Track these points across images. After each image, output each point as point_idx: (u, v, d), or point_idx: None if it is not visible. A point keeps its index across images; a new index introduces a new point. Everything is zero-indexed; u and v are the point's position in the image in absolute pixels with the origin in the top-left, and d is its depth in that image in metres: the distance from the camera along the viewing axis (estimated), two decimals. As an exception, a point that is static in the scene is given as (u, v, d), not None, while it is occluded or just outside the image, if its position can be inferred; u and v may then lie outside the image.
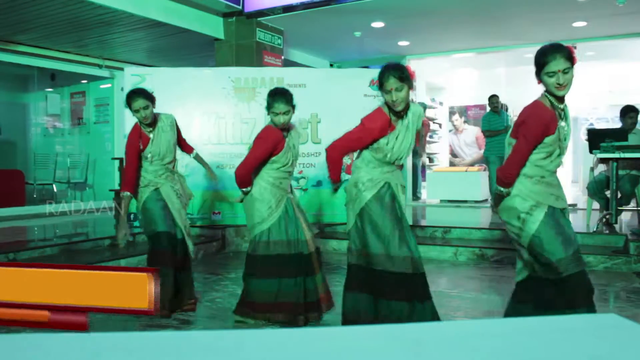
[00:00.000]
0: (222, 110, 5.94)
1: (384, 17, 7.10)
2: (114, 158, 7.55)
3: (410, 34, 8.00)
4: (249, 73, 6.08)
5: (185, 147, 3.86)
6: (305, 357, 0.84)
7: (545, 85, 2.33)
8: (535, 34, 7.76)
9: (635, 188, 5.37)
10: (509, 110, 9.62)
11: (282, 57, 7.64)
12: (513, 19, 7.13)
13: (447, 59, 9.78)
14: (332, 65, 9.88)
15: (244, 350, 0.86)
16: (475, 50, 9.12)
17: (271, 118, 3.07)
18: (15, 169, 8.80)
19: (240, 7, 6.97)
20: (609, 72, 10.40)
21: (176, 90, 5.74)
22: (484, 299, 3.99)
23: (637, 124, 5.62)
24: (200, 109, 5.91)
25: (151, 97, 3.48)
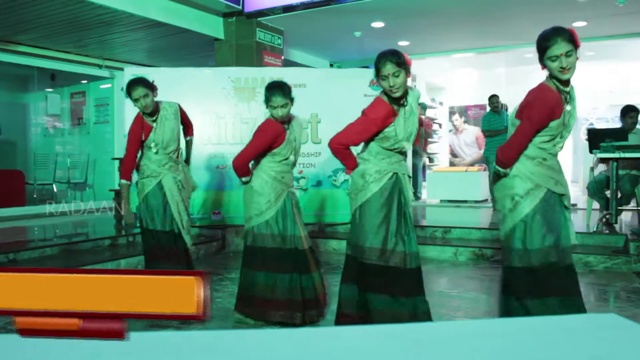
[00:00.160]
0: (222, 110, 5.94)
1: (384, 17, 7.10)
2: (114, 158, 7.55)
3: (410, 34, 8.00)
4: (249, 73, 6.08)
5: (188, 131, 3.80)
6: (305, 357, 0.84)
7: (549, 70, 2.28)
8: (535, 34, 7.64)
9: (635, 188, 5.36)
10: (509, 110, 9.61)
11: (282, 57, 7.64)
12: (513, 19, 7.13)
13: (447, 59, 9.78)
14: (332, 65, 9.88)
15: (244, 350, 0.86)
16: (475, 50, 9.12)
17: (270, 112, 3.06)
18: (16, 169, 8.80)
19: (240, 7, 6.97)
20: (609, 72, 10.40)
21: (176, 90, 5.72)
22: (484, 299, 3.99)
23: (637, 124, 5.61)
24: (200, 109, 5.90)
25: (151, 86, 3.45)
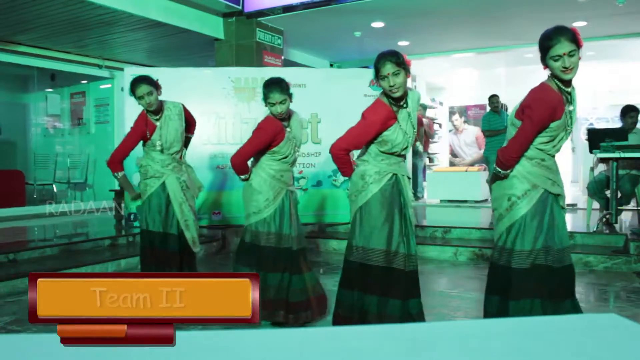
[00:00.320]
0: (222, 110, 5.94)
1: (384, 17, 7.10)
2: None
3: (410, 34, 8.00)
4: (249, 73, 6.08)
5: (190, 129, 3.77)
6: (305, 357, 0.84)
7: (551, 70, 2.26)
8: (535, 34, 7.65)
9: (636, 188, 5.36)
10: (509, 110, 9.62)
11: (282, 57, 7.64)
12: (513, 19, 7.13)
13: (447, 59, 9.77)
14: (332, 65, 9.88)
15: (244, 350, 0.86)
16: (475, 50, 9.12)
17: (269, 109, 3.05)
18: (16, 169, 8.80)
19: (240, 7, 6.97)
20: (609, 72, 10.40)
21: (176, 90, 5.72)
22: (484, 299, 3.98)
23: (637, 124, 5.61)
24: (200, 109, 5.88)
25: (155, 84, 3.43)
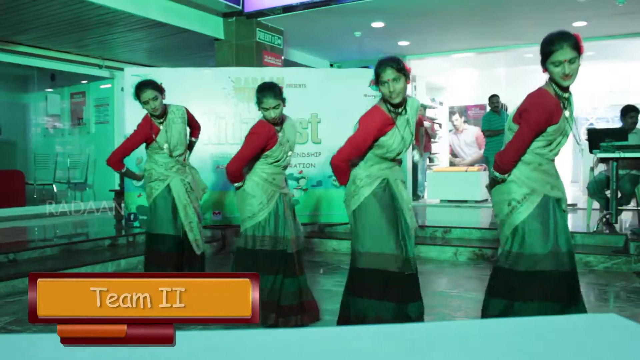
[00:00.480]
0: (222, 110, 5.94)
1: (384, 17, 7.10)
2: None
3: (410, 34, 8.00)
4: (249, 73, 6.08)
5: (193, 133, 3.83)
6: (305, 357, 0.84)
7: (550, 74, 2.27)
8: (535, 34, 7.68)
9: (636, 188, 5.36)
10: (509, 110, 9.62)
11: (282, 57, 7.64)
12: (513, 19, 7.12)
13: (447, 59, 9.77)
14: (332, 65, 9.88)
15: (244, 351, 0.86)
16: (475, 50, 9.11)
17: (262, 113, 3.06)
18: (16, 169, 8.80)
19: (240, 7, 6.97)
20: (609, 72, 10.39)
21: (176, 90, 5.70)
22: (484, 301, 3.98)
23: (637, 124, 5.61)
24: (200, 109, 5.89)
25: (160, 88, 3.47)
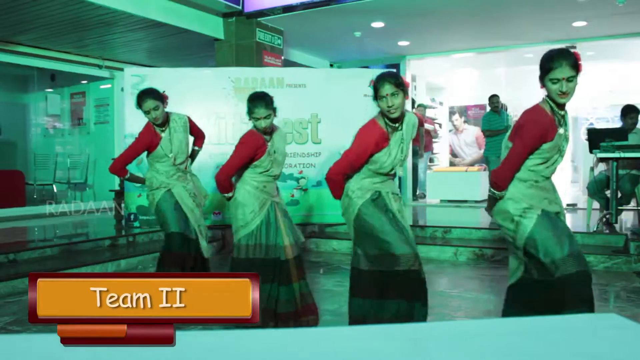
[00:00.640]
0: (222, 110, 5.94)
1: (384, 17, 7.10)
2: (114, 159, 7.54)
3: (410, 34, 8.00)
4: (249, 73, 6.08)
5: (197, 142, 3.89)
6: (305, 358, 0.84)
7: (547, 91, 2.29)
8: (535, 34, 7.76)
9: (636, 188, 5.36)
10: (509, 110, 9.62)
11: (282, 57, 7.64)
12: (513, 19, 7.13)
13: (447, 59, 9.77)
14: (332, 65, 9.87)
15: (244, 351, 0.86)
16: (475, 50, 9.11)
17: (253, 123, 3.08)
18: (16, 169, 8.79)
19: (240, 7, 6.97)
20: (609, 72, 10.39)
21: (176, 90, 5.72)
22: (484, 299, 3.99)
23: (637, 124, 5.61)
24: (200, 109, 5.90)
25: (161, 97, 3.49)
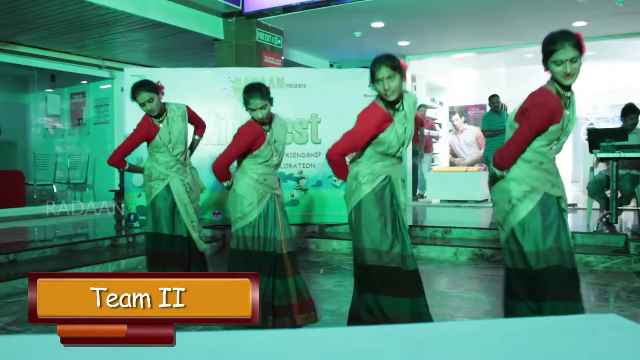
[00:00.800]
0: (222, 110, 5.94)
1: (384, 17, 7.10)
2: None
3: (410, 34, 8.00)
4: (249, 73, 6.07)
5: (197, 131, 3.87)
6: (305, 358, 0.84)
7: (552, 73, 2.26)
8: (535, 34, 7.71)
9: (636, 188, 5.36)
10: (509, 110, 9.61)
11: (282, 57, 7.64)
12: (513, 19, 7.12)
13: (447, 59, 9.77)
14: (332, 65, 9.87)
15: (244, 351, 0.86)
16: (475, 50, 9.11)
17: (249, 114, 3.08)
18: (16, 169, 8.79)
19: (240, 8, 6.97)
20: (609, 72, 10.39)
21: (176, 90, 5.73)
22: (484, 299, 3.99)
23: (637, 125, 5.61)
24: (200, 109, 5.83)
25: (156, 89, 3.47)
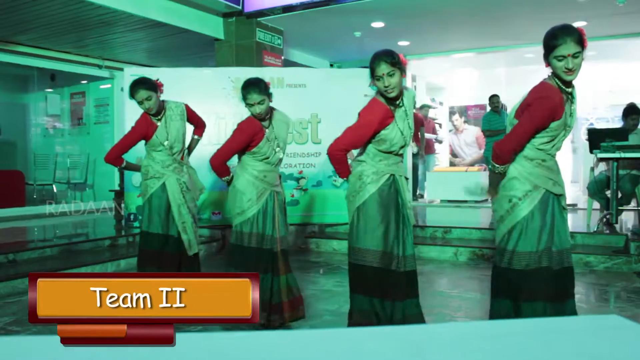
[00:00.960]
0: (222, 110, 5.94)
1: (384, 17, 7.10)
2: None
3: (410, 34, 8.00)
4: (249, 73, 5.99)
5: (197, 130, 3.84)
6: (305, 359, 0.83)
7: (553, 69, 2.24)
8: (536, 34, 7.70)
9: (636, 188, 5.36)
10: (509, 110, 9.60)
11: (282, 57, 7.64)
12: (513, 19, 7.12)
13: (447, 59, 9.77)
14: (332, 65, 9.87)
15: (244, 352, 0.86)
16: (475, 50, 9.11)
17: (248, 109, 3.08)
18: (15, 169, 8.79)
19: (240, 7, 6.97)
20: (609, 72, 10.39)
21: (176, 90, 5.71)
22: (485, 299, 3.98)
23: (638, 125, 5.60)
24: (200, 109, 5.83)
25: (154, 87, 3.44)
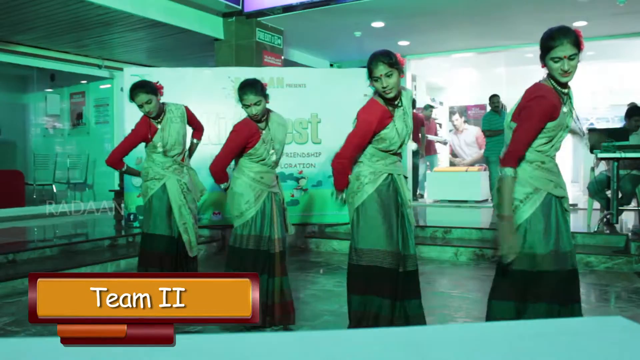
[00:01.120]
0: (222, 110, 5.93)
1: (384, 17, 7.09)
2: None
3: (410, 34, 7.99)
4: (249, 73, 6.02)
5: (196, 134, 3.82)
6: (307, 360, 0.83)
7: (549, 70, 2.25)
8: (536, 34, 7.64)
9: (636, 188, 5.35)
10: (508, 110, 9.60)
11: (282, 57, 7.64)
12: (513, 19, 7.12)
13: (447, 59, 9.77)
14: (332, 65, 9.87)
15: (244, 353, 0.85)
16: (475, 50, 9.11)
17: (244, 110, 3.07)
18: (15, 169, 8.79)
19: (240, 7, 6.97)
20: (609, 72, 10.39)
21: (176, 90, 5.73)
22: (485, 300, 3.97)
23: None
24: (200, 109, 5.86)
25: (154, 90, 3.43)
